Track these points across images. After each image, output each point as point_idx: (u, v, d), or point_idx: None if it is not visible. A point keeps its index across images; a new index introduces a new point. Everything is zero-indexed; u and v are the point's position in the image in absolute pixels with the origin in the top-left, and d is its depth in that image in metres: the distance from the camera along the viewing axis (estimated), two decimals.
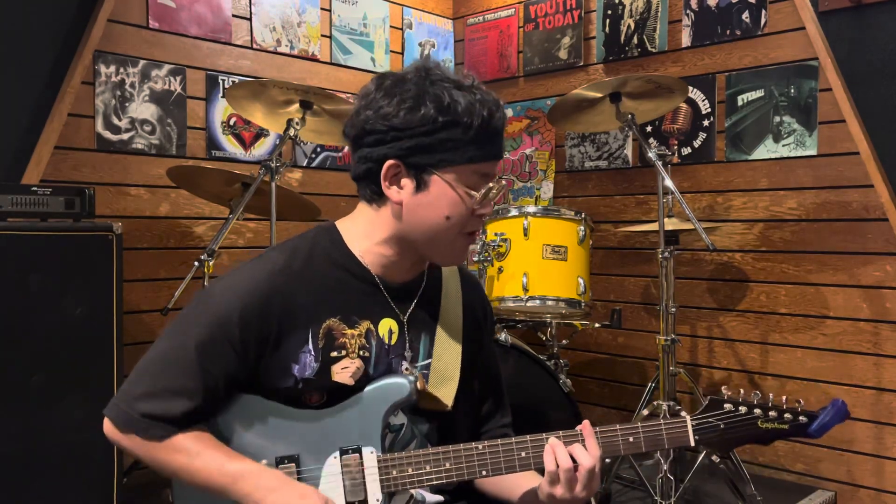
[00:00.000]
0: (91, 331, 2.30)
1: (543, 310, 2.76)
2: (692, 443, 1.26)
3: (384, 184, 1.27)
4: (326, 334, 1.29)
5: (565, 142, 3.80)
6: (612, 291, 3.64)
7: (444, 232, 1.28)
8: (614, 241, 3.60)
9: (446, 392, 1.34)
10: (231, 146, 3.36)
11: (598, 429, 1.27)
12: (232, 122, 3.35)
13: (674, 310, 2.71)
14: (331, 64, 3.72)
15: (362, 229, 1.34)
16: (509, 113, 3.93)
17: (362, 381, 1.30)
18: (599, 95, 2.75)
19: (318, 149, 3.66)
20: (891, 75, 2.79)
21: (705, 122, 3.30)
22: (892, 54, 2.79)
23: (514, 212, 2.74)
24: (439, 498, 1.36)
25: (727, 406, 1.27)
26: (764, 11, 3.11)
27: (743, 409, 1.26)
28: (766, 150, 3.13)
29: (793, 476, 3.08)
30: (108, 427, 1.26)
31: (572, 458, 1.22)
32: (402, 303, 1.36)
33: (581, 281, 2.73)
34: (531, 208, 2.75)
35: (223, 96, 3.28)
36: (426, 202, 1.26)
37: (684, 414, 1.32)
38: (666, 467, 2.52)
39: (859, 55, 2.86)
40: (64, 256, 2.26)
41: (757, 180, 3.17)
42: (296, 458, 1.26)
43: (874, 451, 2.88)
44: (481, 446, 1.26)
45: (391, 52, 3.99)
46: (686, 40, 3.35)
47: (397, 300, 1.36)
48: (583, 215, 2.79)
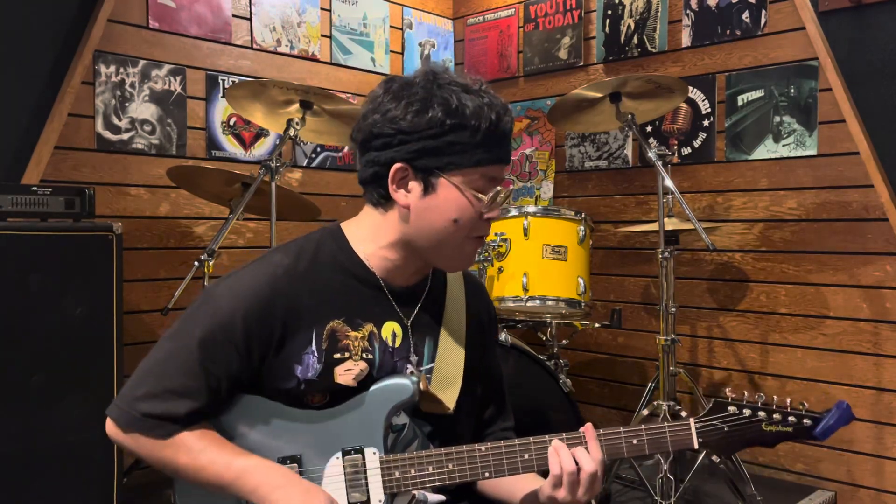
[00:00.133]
0: (91, 331, 2.30)
1: (543, 310, 2.76)
2: (696, 446, 1.25)
3: (391, 187, 1.26)
4: (330, 336, 1.29)
5: (565, 142, 3.80)
6: (612, 291, 3.64)
7: (451, 236, 1.27)
8: (614, 241, 3.60)
9: (449, 395, 1.34)
10: (231, 146, 3.36)
11: (602, 431, 1.26)
12: (232, 122, 3.35)
13: (674, 310, 2.71)
14: (331, 64, 3.72)
15: (368, 232, 1.33)
16: None
17: (365, 383, 1.30)
18: (599, 95, 2.75)
19: (318, 149, 3.65)
20: (891, 75, 2.79)
21: (705, 122, 3.30)
22: (892, 54, 2.79)
23: (514, 212, 2.74)
24: (441, 497, 1.36)
25: (731, 408, 1.26)
26: (764, 11, 3.11)
27: (747, 412, 1.25)
28: (766, 150, 3.13)
29: (793, 476, 3.08)
30: (111, 427, 1.26)
31: (575, 462, 1.21)
32: (407, 306, 1.36)
33: (581, 281, 2.73)
34: (531, 208, 2.75)
35: (223, 96, 3.28)
36: (434, 205, 1.25)
37: (685, 414, 1.31)
38: (666, 467, 2.52)
39: (859, 55, 2.86)
40: (64, 256, 2.26)
41: (757, 180, 3.17)
42: (298, 458, 1.25)
43: (874, 451, 2.88)
44: (484, 448, 1.26)
45: (391, 52, 3.98)
46: (686, 40, 3.35)
47: (401, 304, 1.35)
48: (583, 215, 2.79)
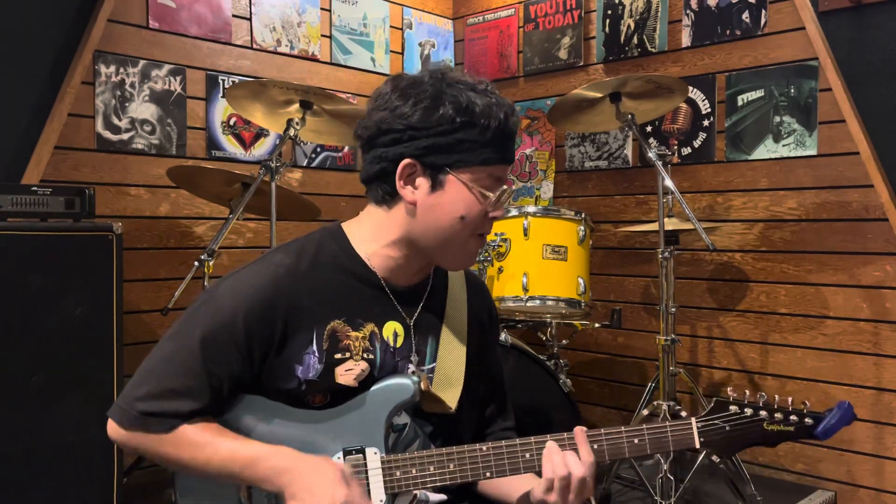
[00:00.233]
0: (91, 331, 2.30)
1: (543, 310, 2.76)
2: (697, 445, 1.25)
3: (399, 183, 1.26)
4: (331, 336, 1.29)
5: (565, 142, 3.80)
6: (612, 291, 3.64)
7: (457, 233, 1.28)
8: (614, 241, 3.60)
9: (450, 395, 1.34)
10: (231, 146, 3.36)
11: (603, 430, 1.26)
12: (232, 122, 3.35)
13: (674, 310, 2.71)
14: (331, 64, 3.72)
15: (370, 231, 1.33)
16: None
17: (366, 383, 1.30)
18: (599, 95, 2.75)
19: (318, 149, 3.65)
20: (891, 75, 2.79)
21: (705, 122, 3.30)
22: (892, 54, 2.79)
23: (514, 212, 2.74)
24: (442, 497, 1.36)
25: (732, 408, 1.26)
26: (764, 11, 3.11)
27: (748, 411, 1.25)
28: (766, 150, 3.13)
29: (793, 476, 3.08)
30: (112, 428, 1.25)
31: (566, 466, 1.21)
32: (408, 306, 1.36)
33: (581, 281, 2.73)
34: (531, 208, 2.75)
35: (223, 96, 3.28)
36: (441, 202, 1.26)
37: (685, 414, 1.31)
38: (666, 467, 2.52)
39: (859, 55, 2.86)
40: (64, 256, 2.25)
41: (757, 180, 3.17)
42: None
43: (874, 451, 2.88)
44: (485, 448, 1.26)
45: (391, 52, 3.98)
46: (686, 40, 3.35)
47: (403, 303, 1.35)
48: (583, 215, 2.79)
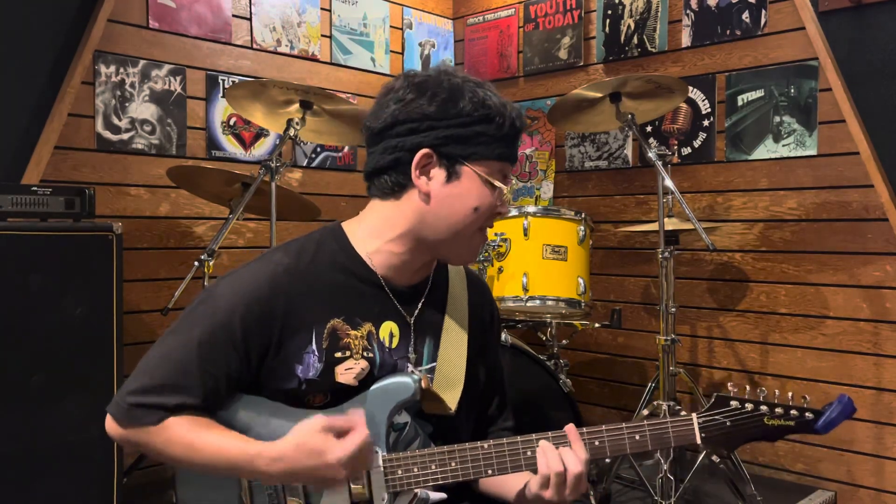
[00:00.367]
0: (91, 331, 2.30)
1: (543, 310, 2.76)
2: (698, 441, 1.25)
3: (414, 173, 1.27)
4: (331, 335, 1.29)
5: (565, 142, 3.80)
6: (612, 291, 3.64)
7: (468, 225, 1.29)
8: (614, 241, 3.60)
9: (451, 396, 1.34)
10: (231, 146, 3.36)
11: (604, 427, 1.26)
12: (232, 122, 3.35)
13: (674, 310, 2.71)
14: (331, 64, 3.72)
15: (373, 227, 1.33)
16: None
17: (366, 382, 1.30)
18: (599, 95, 2.75)
19: (318, 149, 3.65)
20: (891, 75, 2.79)
21: (705, 122, 3.30)
22: (892, 54, 2.79)
23: (514, 212, 2.74)
24: (442, 495, 1.35)
25: (733, 403, 1.26)
26: (764, 11, 3.11)
27: (749, 407, 1.25)
28: (766, 150, 3.13)
29: (793, 476, 3.08)
30: (109, 424, 1.26)
31: (562, 462, 1.22)
32: (408, 305, 1.36)
33: (581, 281, 2.73)
34: (531, 208, 2.75)
35: (223, 96, 3.28)
36: (456, 193, 1.27)
37: (684, 413, 1.31)
38: (666, 467, 2.51)
39: (859, 55, 2.86)
40: (64, 256, 2.25)
41: (757, 180, 3.17)
42: None
43: (874, 451, 2.88)
44: (486, 445, 1.26)
45: (391, 52, 3.98)
46: (686, 40, 3.35)
47: (403, 302, 1.35)
48: (583, 215, 2.79)
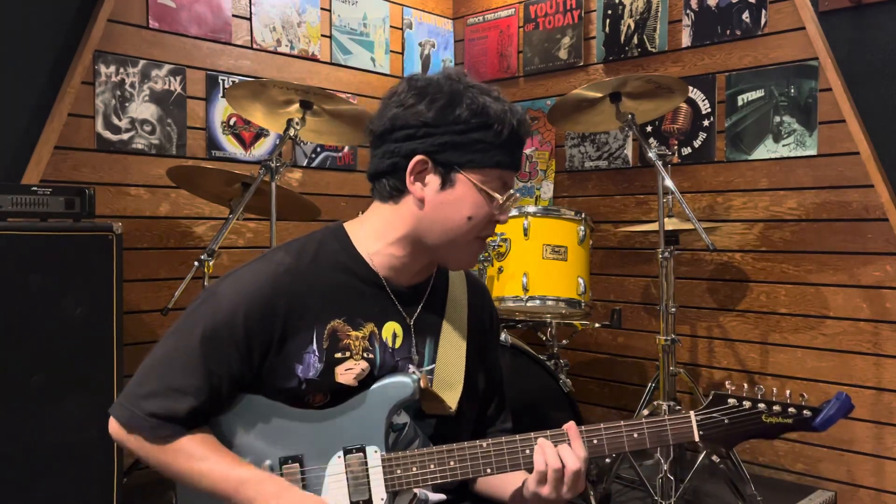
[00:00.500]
0: (91, 331, 2.30)
1: (543, 310, 2.76)
2: (696, 438, 1.26)
3: (409, 179, 1.27)
4: (331, 335, 1.29)
5: (565, 142, 3.80)
6: (612, 291, 3.64)
7: (463, 234, 1.28)
8: (614, 241, 3.60)
9: (450, 396, 1.34)
10: (231, 146, 3.36)
11: (603, 424, 1.27)
12: (232, 122, 3.35)
13: (674, 310, 2.70)
14: (331, 64, 3.72)
15: (374, 229, 1.33)
16: None
17: (366, 382, 1.30)
18: (599, 95, 2.75)
19: (318, 149, 3.65)
20: (891, 75, 2.79)
21: (705, 122, 3.30)
22: (892, 54, 2.79)
23: (514, 212, 2.74)
24: (442, 497, 1.36)
25: (731, 401, 1.26)
26: (764, 11, 3.11)
27: (747, 404, 1.26)
28: (766, 150, 3.13)
29: (793, 476, 3.08)
30: (114, 427, 1.26)
31: (560, 459, 1.22)
32: (409, 306, 1.36)
33: (581, 281, 2.73)
34: (531, 208, 2.75)
35: (223, 96, 3.28)
36: (450, 200, 1.27)
37: (683, 411, 1.31)
38: (666, 467, 2.51)
39: (859, 55, 2.86)
40: (64, 256, 2.25)
41: (757, 180, 3.17)
42: (299, 458, 1.25)
43: (874, 451, 2.88)
44: (485, 444, 1.26)
45: (391, 52, 3.99)
46: (686, 40, 3.35)
47: (404, 303, 1.35)
48: (583, 215, 2.79)
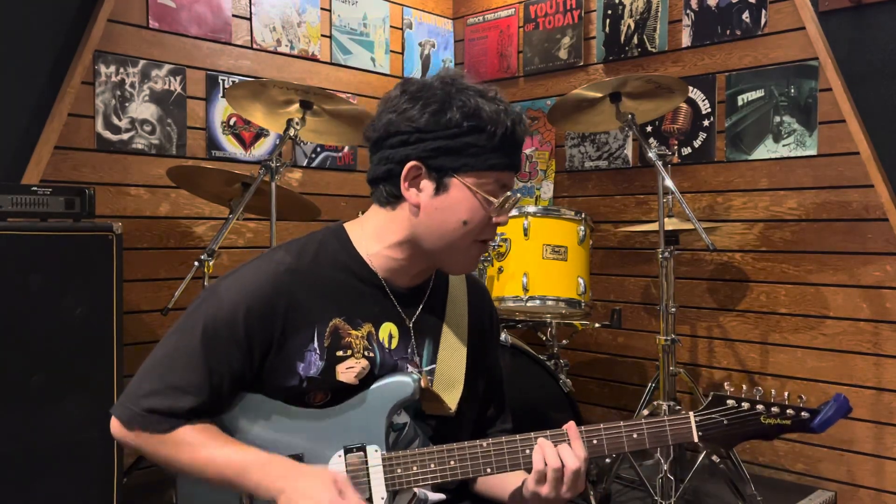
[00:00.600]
0: (91, 331, 2.30)
1: (543, 310, 2.76)
2: (696, 439, 1.26)
3: (403, 185, 1.27)
4: (332, 333, 1.29)
5: (565, 142, 3.80)
6: (612, 291, 3.64)
7: (460, 238, 1.28)
8: (614, 241, 3.60)
9: (450, 397, 1.35)
10: (231, 146, 3.36)
11: (602, 425, 1.27)
12: (232, 122, 3.35)
13: (674, 310, 2.71)
14: (331, 64, 3.72)
15: (373, 232, 1.34)
16: None
17: (367, 381, 1.30)
18: (599, 95, 2.75)
19: (318, 149, 3.65)
20: (891, 75, 2.79)
21: (705, 122, 3.30)
22: (892, 54, 2.79)
23: (514, 212, 2.74)
24: (441, 496, 1.36)
25: (730, 402, 1.27)
26: (764, 11, 3.11)
27: (746, 405, 1.26)
28: (766, 150, 3.13)
29: (793, 476, 3.08)
30: (115, 426, 1.26)
31: (560, 459, 1.22)
32: (408, 307, 1.36)
33: (581, 281, 2.73)
34: (531, 208, 2.75)
35: (223, 96, 3.28)
36: (444, 206, 1.26)
37: (683, 411, 1.31)
38: (666, 467, 2.51)
39: (859, 55, 2.86)
40: (64, 256, 2.25)
41: (757, 180, 3.17)
42: (300, 457, 1.25)
43: (874, 451, 2.88)
44: (486, 444, 1.26)
45: (391, 52, 3.99)
46: (686, 40, 3.35)
47: (403, 304, 1.36)
48: (583, 215, 2.79)
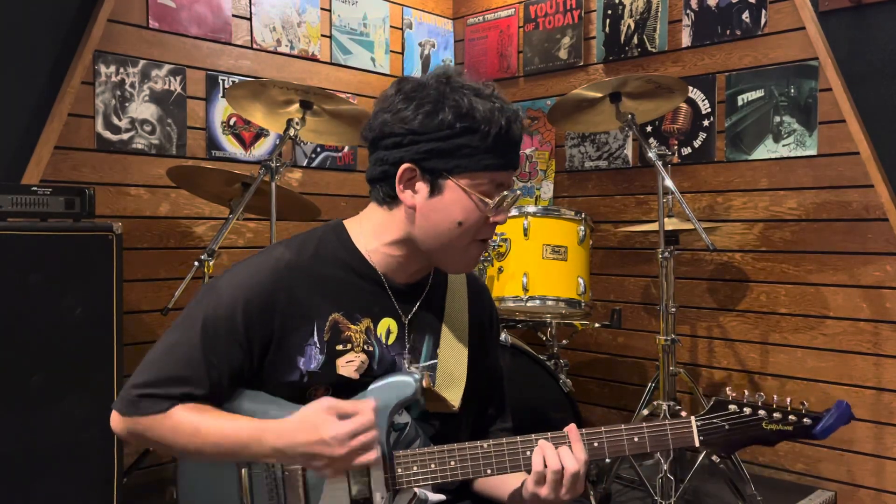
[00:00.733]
0: (91, 331, 2.30)
1: (543, 310, 2.76)
2: (697, 444, 1.26)
3: (398, 187, 1.27)
4: (332, 327, 1.30)
5: (565, 142, 3.80)
6: (612, 291, 3.64)
7: (456, 238, 1.28)
8: (614, 241, 3.60)
9: (453, 394, 1.35)
10: (231, 146, 3.36)
11: (603, 428, 1.27)
12: (232, 122, 3.35)
13: (674, 310, 2.71)
14: (331, 64, 3.72)
15: (372, 229, 1.34)
16: None
17: (366, 375, 1.31)
18: (599, 95, 2.75)
19: (318, 149, 3.65)
20: (891, 75, 2.79)
21: (705, 122, 3.30)
22: (892, 54, 2.79)
23: (514, 212, 2.74)
24: (441, 497, 1.36)
25: (732, 407, 1.26)
26: (764, 11, 3.11)
27: (747, 411, 1.26)
28: (766, 150, 3.13)
29: (793, 476, 3.08)
30: (114, 418, 1.26)
31: (559, 461, 1.22)
32: (406, 303, 1.37)
33: (581, 281, 2.73)
34: (531, 208, 2.75)
35: (223, 96, 3.28)
36: (439, 207, 1.26)
37: (685, 414, 1.31)
38: (666, 467, 2.51)
39: (859, 55, 2.86)
40: (64, 256, 2.25)
41: (757, 180, 3.17)
42: None
43: (874, 451, 2.88)
44: (486, 445, 1.26)
45: (391, 52, 3.99)
46: (686, 40, 3.35)
47: (401, 300, 1.36)
48: (583, 215, 2.79)
